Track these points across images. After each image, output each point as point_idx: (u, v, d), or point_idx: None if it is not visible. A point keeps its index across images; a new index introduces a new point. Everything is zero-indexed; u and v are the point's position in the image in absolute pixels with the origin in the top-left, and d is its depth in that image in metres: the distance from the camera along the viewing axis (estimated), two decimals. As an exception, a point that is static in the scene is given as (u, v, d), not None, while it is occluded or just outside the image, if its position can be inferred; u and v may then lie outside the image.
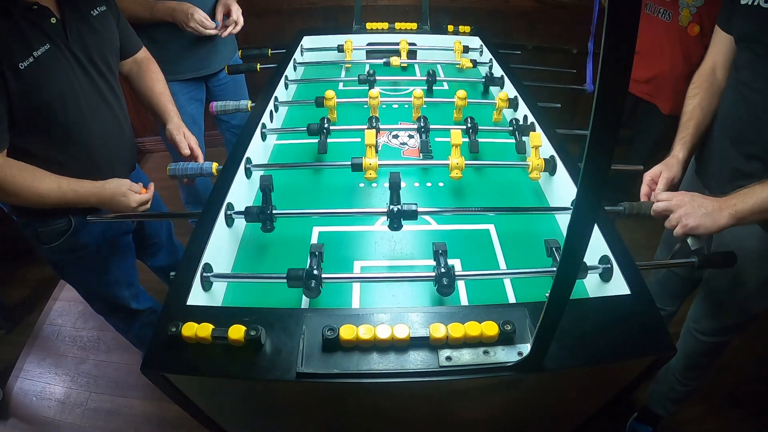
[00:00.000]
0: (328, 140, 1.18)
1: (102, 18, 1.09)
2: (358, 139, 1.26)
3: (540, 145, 1.07)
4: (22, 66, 0.90)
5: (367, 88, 1.45)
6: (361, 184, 1.12)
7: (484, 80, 1.49)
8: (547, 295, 0.53)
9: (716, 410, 1.67)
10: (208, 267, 0.80)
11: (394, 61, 1.59)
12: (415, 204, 0.89)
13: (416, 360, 0.63)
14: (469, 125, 1.19)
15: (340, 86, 1.52)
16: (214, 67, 1.76)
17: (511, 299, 0.84)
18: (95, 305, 1.40)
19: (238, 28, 1.64)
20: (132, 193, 1.10)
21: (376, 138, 1.15)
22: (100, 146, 1.11)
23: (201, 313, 0.68)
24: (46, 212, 1.11)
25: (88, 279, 1.28)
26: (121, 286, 1.33)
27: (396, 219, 0.89)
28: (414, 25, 1.79)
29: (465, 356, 0.63)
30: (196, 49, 1.65)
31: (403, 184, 1.12)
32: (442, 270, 0.76)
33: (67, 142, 1.03)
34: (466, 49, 1.74)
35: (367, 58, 1.73)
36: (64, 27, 0.98)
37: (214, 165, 1.08)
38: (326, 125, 1.18)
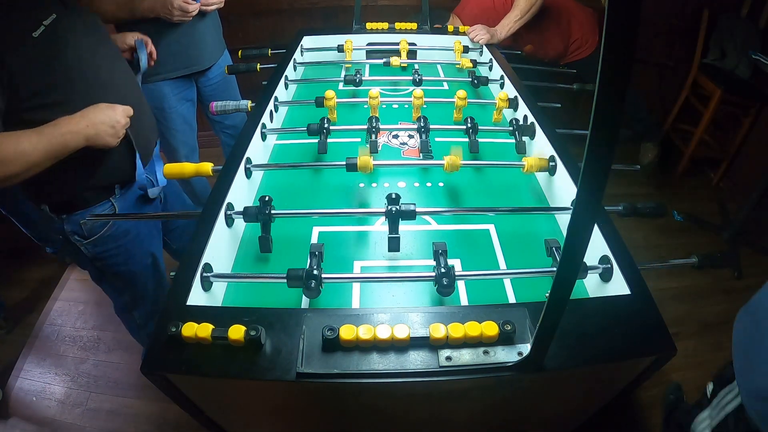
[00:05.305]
0: (328, 140, 1.18)
1: None
2: (358, 139, 1.26)
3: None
4: (35, 35, 0.91)
5: (353, 87, 1.46)
6: (361, 184, 1.12)
7: (471, 80, 1.50)
8: (547, 295, 0.53)
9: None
10: (208, 267, 0.80)
11: (394, 61, 1.59)
12: (413, 204, 0.89)
13: (416, 360, 0.63)
14: (469, 125, 1.19)
15: (340, 86, 1.51)
16: (202, 64, 1.75)
17: (511, 299, 0.84)
18: (123, 299, 1.38)
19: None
20: (113, 105, 1.04)
21: (369, 140, 1.15)
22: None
23: (201, 313, 0.68)
24: (87, 201, 1.11)
25: (128, 268, 1.27)
26: (154, 271, 1.35)
27: (395, 242, 0.88)
28: (414, 25, 1.79)
29: (465, 356, 0.63)
30: (183, 46, 1.63)
31: (402, 184, 1.13)
32: (442, 270, 0.76)
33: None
34: (466, 49, 1.74)
35: (367, 58, 1.73)
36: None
37: (209, 165, 1.07)
38: (326, 125, 1.18)
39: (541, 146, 1.15)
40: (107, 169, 1.10)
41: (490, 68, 1.63)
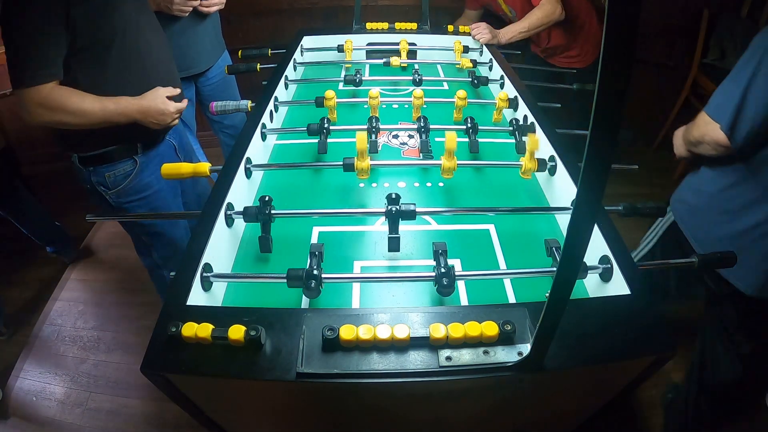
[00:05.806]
0: (328, 140, 1.18)
1: None
2: (358, 139, 1.26)
3: (537, 149, 1.06)
4: None
5: (353, 87, 1.46)
6: (361, 184, 1.12)
7: (471, 80, 1.50)
8: (547, 295, 0.53)
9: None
10: (208, 267, 0.80)
11: (394, 61, 1.59)
12: (413, 204, 0.89)
13: (416, 360, 0.63)
14: (469, 125, 1.19)
15: (340, 86, 1.51)
16: (201, 66, 1.76)
17: (511, 299, 0.84)
18: (151, 258, 1.46)
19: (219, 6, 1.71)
20: (167, 99, 1.24)
21: (370, 140, 1.14)
22: (154, 76, 1.25)
23: (201, 313, 0.68)
24: (113, 157, 1.26)
25: (152, 221, 1.39)
26: (184, 230, 1.46)
27: (395, 241, 0.89)
28: (414, 25, 1.79)
29: (465, 356, 0.63)
30: (181, 48, 1.64)
31: (402, 184, 1.13)
32: (442, 270, 0.76)
33: (125, 70, 1.18)
34: (466, 49, 1.74)
35: (367, 58, 1.73)
36: None
37: (207, 165, 1.07)
38: (326, 125, 1.18)
39: (541, 146, 1.15)
40: (130, 129, 1.22)
41: (490, 68, 1.63)
